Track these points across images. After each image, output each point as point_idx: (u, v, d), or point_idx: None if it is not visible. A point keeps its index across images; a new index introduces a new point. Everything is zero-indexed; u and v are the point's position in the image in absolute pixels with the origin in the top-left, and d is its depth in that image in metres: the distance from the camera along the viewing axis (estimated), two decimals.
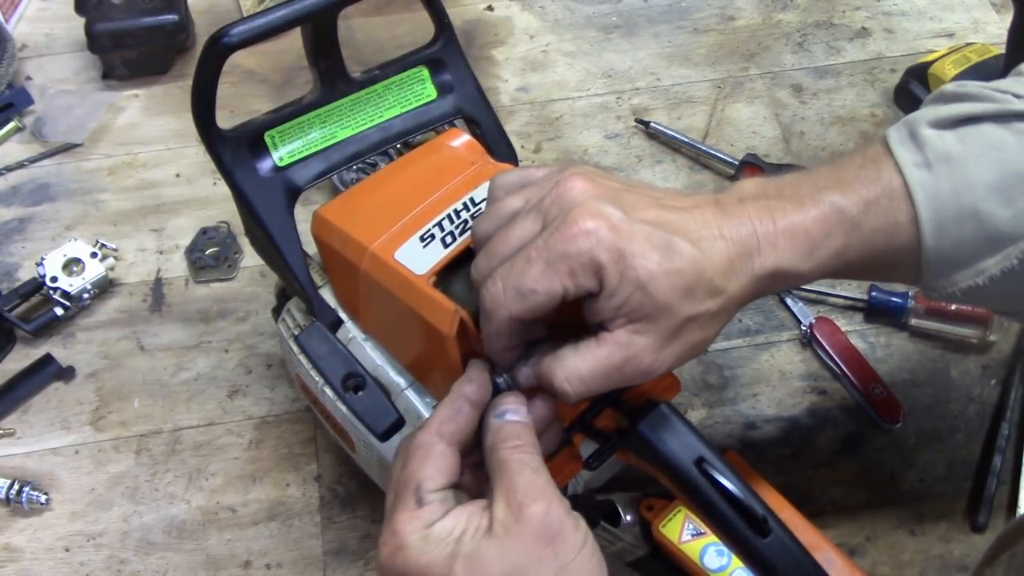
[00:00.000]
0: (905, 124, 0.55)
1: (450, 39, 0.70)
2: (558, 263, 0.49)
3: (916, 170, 0.53)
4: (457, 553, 0.47)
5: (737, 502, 0.52)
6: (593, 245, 0.49)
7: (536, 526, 0.47)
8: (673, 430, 0.54)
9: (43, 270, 0.86)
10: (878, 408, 0.81)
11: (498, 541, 0.47)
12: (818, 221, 0.53)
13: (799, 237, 0.53)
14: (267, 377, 0.85)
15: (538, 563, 0.47)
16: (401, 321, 0.59)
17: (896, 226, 0.53)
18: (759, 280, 0.53)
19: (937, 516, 0.78)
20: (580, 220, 0.50)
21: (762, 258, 0.53)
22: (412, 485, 0.50)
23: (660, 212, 0.52)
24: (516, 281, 0.50)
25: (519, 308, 0.50)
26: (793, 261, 0.53)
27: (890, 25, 1.10)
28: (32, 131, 1.00)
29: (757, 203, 0.54)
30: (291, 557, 0.76)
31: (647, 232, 0.50)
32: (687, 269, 0.51)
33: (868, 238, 0.54)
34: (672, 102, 1.03)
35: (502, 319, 0.51)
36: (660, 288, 0.50)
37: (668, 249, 0.50)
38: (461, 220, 0.59)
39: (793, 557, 0.53)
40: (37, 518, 0.78)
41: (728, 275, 0.52)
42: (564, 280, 0.50)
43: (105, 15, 1.00)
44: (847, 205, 0.53)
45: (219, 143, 0.63)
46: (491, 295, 0.51)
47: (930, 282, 0.55)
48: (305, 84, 0.68)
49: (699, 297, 0.51)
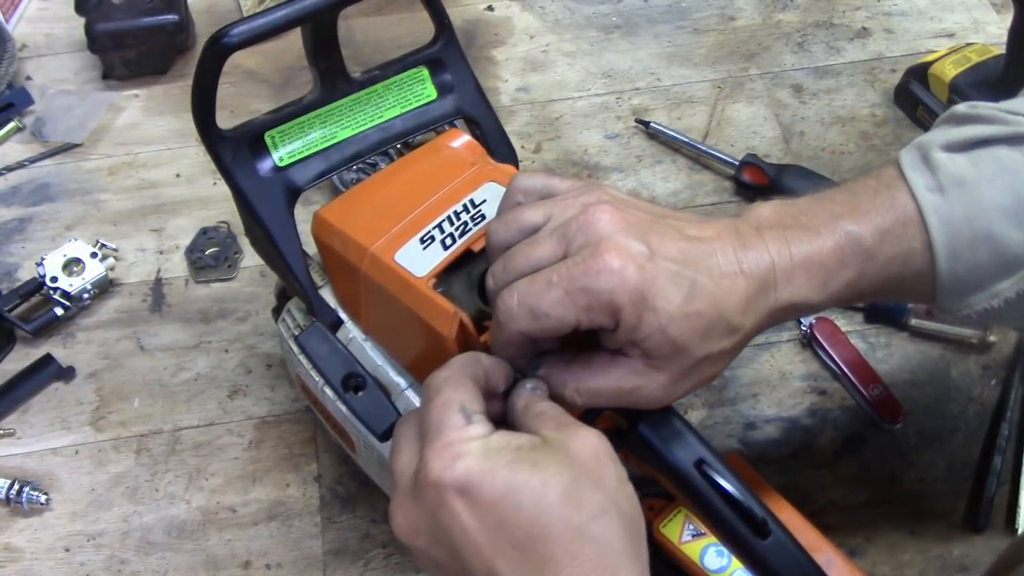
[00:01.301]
0: (917, 147, 0.56)
1: (450, 39, 0.70)
2: (577, 295, 0.49)
3: (929, 194, 0.53)
4: (520, 459, 0.46)
5: (737, 504, 0.52)
6: (616, 285, 0.49)
7: (588, 448, 0.47)
8: (673, 432, 0.54)
9: (43, 270, 0.86)
10: (878, 408, 0.81)
11: (555, 454, 0.47)
12: (834, 252, 0.53)
13: (814, 270, 0.53)
14: (267, 377, 0.85)
15: (598, 479, 0.46)
16: (401, 322, 0.59)
17: (911, 253, 0.54)
18: (774, 313, 0.53)
19: (937, 516, 0.78)
20: (606, 257, 0.49)
21: (778, 293, 0.53)
22: (455, 406, 0.48)
23: (685, 246, 0.52)
24: (532, 301, 0.50)
25: (530, 327, 0.50)
26: (808, 294, 0.54)
27: (890, 25, 1.10)
28: (32, 131, 1.00)
29: (774, 232, 0.54)
30: (291, 557, 0.76)
31: (671, 272, 0.50)
32: (707, 311, 0.51)
33: (882, 267, 0.54)
34: (672, 102, 1.03)
35: (512, 332, 0.51)
36: (679, 331, 0.50)
37: (690, 290, 0.50)
38: (461, 222, 0.59)
39: (793, 559, 0.53)
40: (37, 518, 0.78)
41: (745, 313, 0.52)
42: (579, 313, 0.50)
43: (105, 15, 1.00)
44: (863, 235, 0.53)
45: (219, 143, 0.63)
46: (505, 307, 0.51)
47: (945, 305, 0.55)
48: (305, 84, 0.68)
49: (716, 337, 0.52)
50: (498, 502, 0.45)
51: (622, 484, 0.48)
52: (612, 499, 0.47)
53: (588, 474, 0.47)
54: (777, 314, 0.54)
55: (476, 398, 0.50)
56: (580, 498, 0.45)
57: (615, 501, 0.47)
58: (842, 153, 0.99)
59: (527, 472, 0.45)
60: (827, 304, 0.55)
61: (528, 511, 0.45)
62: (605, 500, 0.46)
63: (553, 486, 0.45)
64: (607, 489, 0.47)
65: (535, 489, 0.45)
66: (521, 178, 0.57)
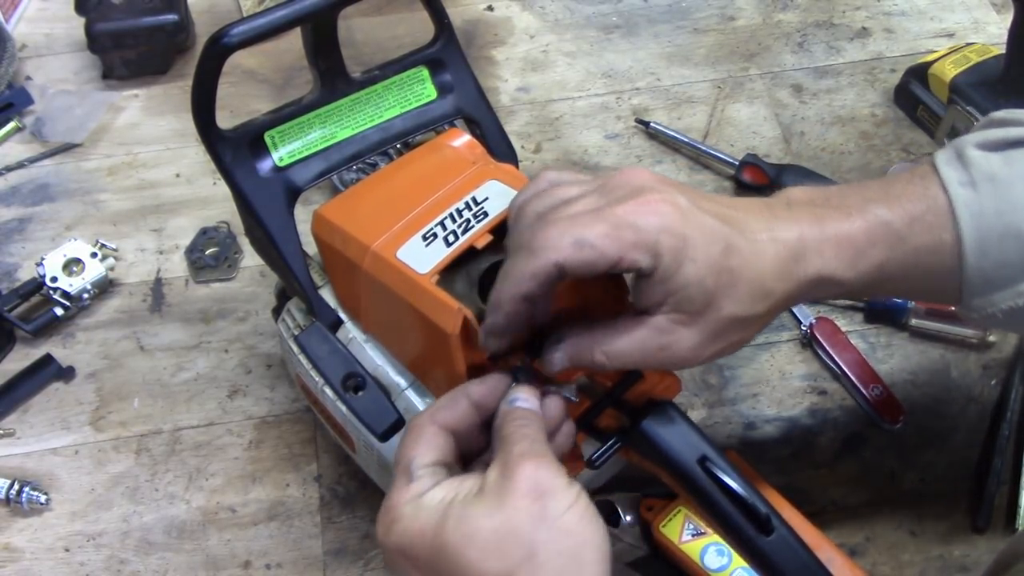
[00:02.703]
0: (952, 146, 0.56)
1: (450, 39, 0.70)
2: (625, 230, 0.49)
3: (961, 189, 0.54)
4: (448, 515, 0.47)
5: (740, 500, 0.52)
6: (662, 225, 0.49)
7: (524, 484, 0.47)
8: (676, 428, 0.54)
9: (43, 270, 0.86)
10: (878, 408, 0.81)
11: (486, 500, 0.47)
12: (864, 231, 0.54)
13: (844, 245, 0.54)
14: (267, 377, 0.85)
15: (527, 519, 0.46)
16: (403, 320, 0.59)
17: (940, 244, 0.54)
18: (804, 285, 0.54)
19: (937, 516, 0.78)
20: (651, 199, 0.50)
21: (808, 263, 0.53)
22: (403, 464, 0.51)
23: (721, 209, 0.53)
24: (578, 231, 0.49)
25: (572, 257, 0.49)
26: (838, 269, 0.54)
27: (890, 25, 1.10)
28: (32, 131, 1.00)
29: (805, 209, 0.54)
30: (291, 557, 0.76)
31: (711, 225, 0.51)
32: (741, 270, 0.51)
33: (912, 254, 0.54)
34: (672, 102, 1.03)
35: (547, 262, 0.49)
36: (714, 284, 0.50)
37: (727, 245, 0.51)
38: (463, 219, 0.59)
39: (797, 555, 0.53)
40: (37, 518, 0.78)
41: (777, 278, 0.53)
42: (624, 248, 0.49)
43: (105, 15, 1.00)
44: (893, 218, 0.54)
45: (219, 143, 0.63)
46: (546, 235, 0.49)
47: (970, 302, 0.55)
48: (305, 84, 0.68)
49: (748, 298, 0.52)
50: (432, 561, 0.47)
51: (569, 506, 0.47)
52: (548, 537, 0.46)
53: (524, 509, 0.46)
54: (808, 286, 0.54)
55: (431, 447, 0.51)
56: (503, 549, 0.46)
57: (551, 539, 0.46)
58: (842, 153, 0.99)
59: (451, 530, 0.47)
60: (857, 285, 0.55)
61: (456, 567, 0.46)
62: (535, 542, 0.46)
63: (476, 541, 0.46)
64: (550, 514, 0.46)
65: (457, 546, 0.46)
66: (550, 172, 0.57)
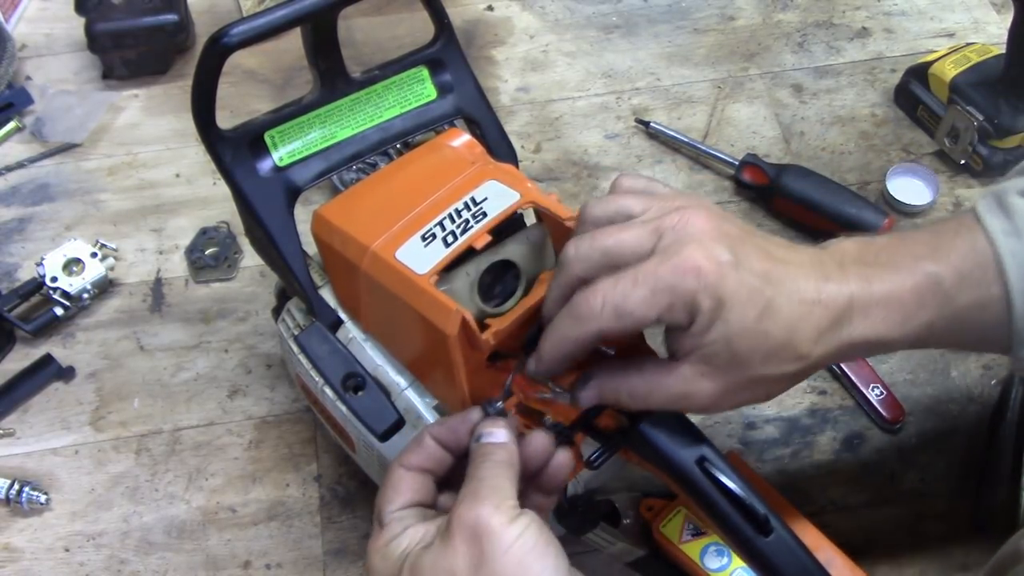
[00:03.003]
0: (993, 194, 0.56)
1: (450, 39, 0.70)
2: (661, 294, 0.50)
3: (1006, 238, 0.54)
4: (403, 567, 0.49)
5: (739, 501, 0.52)
6: (699, 287, 0.50)
7: (463, 527, 0.48)
8: (674, 430, 0.54)
9: (43, 270, 0.86)
10: (878, 408, 0.81)
11: (432, 549, 0.49)
12: (912, 291, 0.54)
13: (893, 307, 0.53)
14: (267, 377, 0.85)
15: (465, 565, 0.47)
16: (402, 321, 0.59)
17: (988, 298, 0.54)
18: (846, 347, 0.53)
19: (937, 516, 0.78)
20: (693, 256, 0.50)
21: (852, 327, 0.53)
22: (376, 512, 0.54)
23: (769, 266, 0.52)
24: (618, 301, 0.50)
25: (612, 326, 0.51)
26: (883, 331, 0.54)
27: (890, 25, 1.10)
28: (32, 131, 1.00)
29: (856, 268, 0.54)
30: (291, 557, 0.76)
31: (752, 286, 0.51)
32: (777, 334, 0.51)
33: (961, 311, 0.54)
34: (672, 102, 1.03)
35: (590, 331, 0.51)
36: (743, 346, 0.51)
37: (766, 308, 0.51)
38: (462, 220, 0.59)
39: (795, 556, 0.53)
40: (37, 518, 0.78)
41: (816, 343, 0.52)
42: (662, 311, 0.50)
43: (105, 15, 1.00)
44: (943, 276, 0.54)
45: (219, 143, 0.63)
46: (589, 306, 0.51)
47: (1020, 352, 0.55)
48: (305, 84, 0.68)
49: (779, 361, 0.52)
50: None
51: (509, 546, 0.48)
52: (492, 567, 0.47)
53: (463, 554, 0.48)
54: (850, 349, 0.54)
55: (400, 491, 0.53)
56: None
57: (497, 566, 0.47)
58: (842, 153, 0.99)
59: None
60: (903, 344, 0.55)
61: None
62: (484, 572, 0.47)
63: None
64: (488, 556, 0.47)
65: None
66: (626, 177, 0.58)
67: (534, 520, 0.49)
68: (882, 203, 0.94)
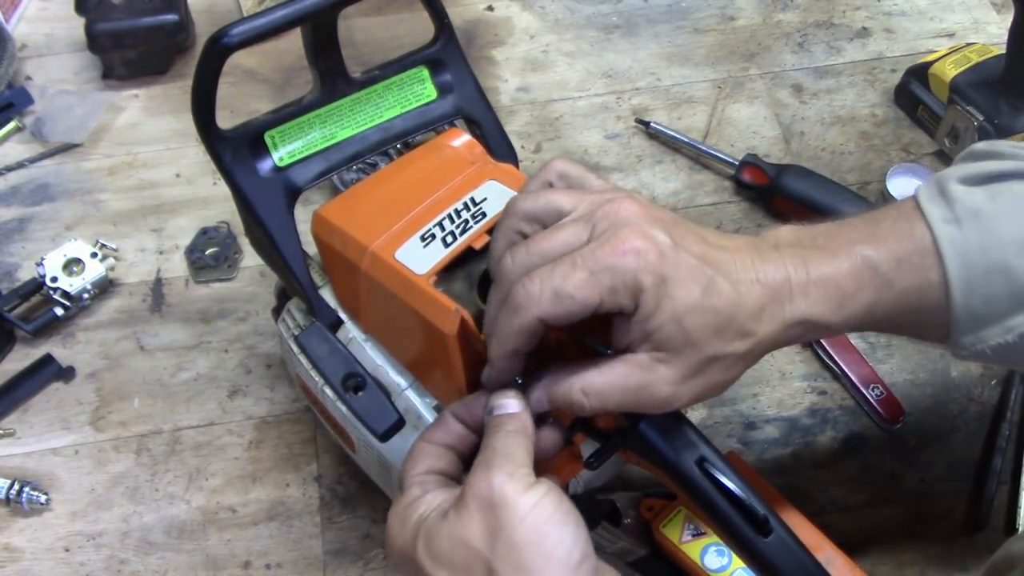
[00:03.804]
0: (935, 181, 0.56)
1: (450, 39, 0.70)
2: (602, 275, 0.49)
3: (945, 226, 0.54)
4: (419, 532, 0.49)
5: (738, 502, 0.52)
6: (639, 266, 0.49)
7: (477, 497, 0.48)
8: (674, 430, 0.54)
9: (43, 270, 0.86)
10: (878, 408, 0.81)
11: (448, 516, 0.49)
12: (850, 275, 0.54)
13: (831, 289, 0.53)
14: (267, 377, 0.85)
15: (480, 533, 0.47)
16: (402, 321, 0.59)
17: (927, 284, 0.54)
18: (788, 327, 0.53)
19: (937, 516, 0.78)
20: (630, 238, 0.50)
21: (793, 305, 0.53)
22: (398, 480, 0.54)
23: (705, 248, 0.52)
24: (557, 284, 0.49)
25: (552, 311, 0.50)
26: (823, 312, 0.54)
27: (890, 25, 1.10)
28: (32, 131, 1.00)
29: (792, 251, 0.54)
30: (291, 557, 0.76)
31: (692, 265, 0.51)
32: (722, 308, 0.51)
33: (899, 296, 0.54)
34: (672, 102, 1.03)
35: (530, 318, 0.50)
36: (694, 323, 0.50)
37: (708, 285, 0.51)
38: (462, 220, 0.59)
39: (794, 557, 0.53)
40: (37, 518, 0.78)
41: (759, 319, 0.52)
42: (604, 293, 0.49)
43: (105, 15, 1.00)
44: (879, 260, 0.54)
45: (219, 143, 0.63)
46: (526, 292, 0.50)
47: (959, 340, 0.55)
48: (305, 84, 0.68)
49: (728, 338, 0.52)
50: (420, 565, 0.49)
51: (526, 514, 0.47)
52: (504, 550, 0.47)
53: (478, 522, 0.47)
54: (792, 328, 0.54)
55: (420, 459, 0.53)
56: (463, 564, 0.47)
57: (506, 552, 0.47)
58: (842, 153, 0.99)
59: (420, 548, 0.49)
60: (843, 327, 0.55)
61: None
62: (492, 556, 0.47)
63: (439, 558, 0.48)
64: (504, 525, 0.47)
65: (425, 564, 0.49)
66: (560, 162, 0.57)
67: (552, 488, 0.49)
68: (882, 203, 0.94)
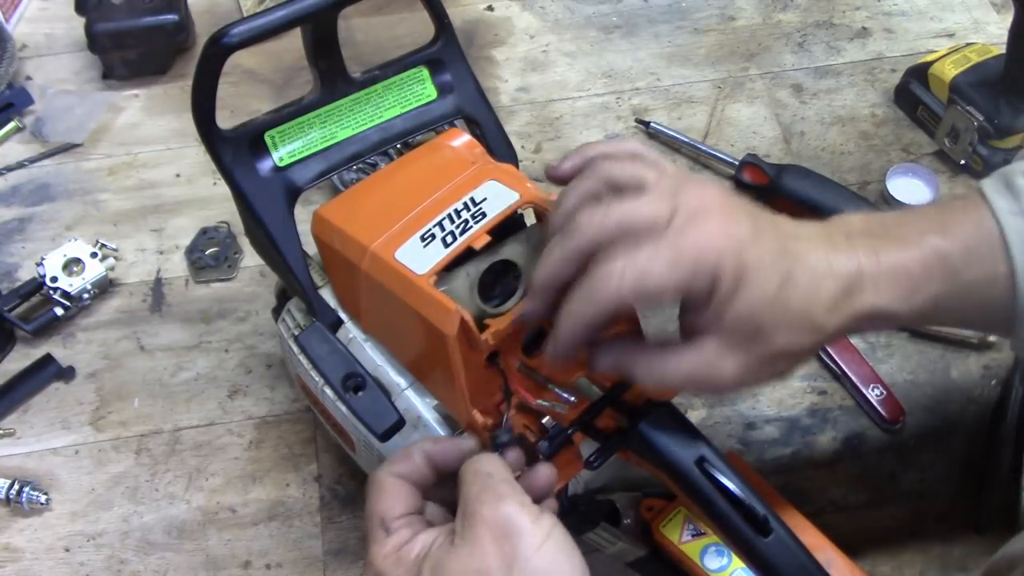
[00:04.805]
0: (1000, 175, 0.56)
1: (450, 39, 0.70)
2: (684, 264, 0.49)
3: (1012, 218, 0.54)
4: (423, 569, 0.48)
5: (738, 502, 0.52)
6: (721, 255, 0.49)
7: (489, 526, 0.48)
8: (674, 430, 0.54)
9: (43, 270, 0.86)
10: (878, 408, 0.81)
11: (456, 550, 0.48)
12: (921, 264, 0.53)
13: (901, 278, 0.53)
14: (267, 377, 0.85)
15: (498, 563, 0.47)
16: (402, 321, 0.59)
17: (994, 276, 0.54)
18: (857, 319, 0.53)
19: (937, 516, 0.78)
20: (714, 225, 0.49)
21: (864, 296, 0.53)
22: (376, 519, 0.52)
23: (784, 239, 0.52)
24: (641, 270, 0.48)
25: (632, 298, 0.49)
26: (892, 302, 0.53)
27: (890, 25, 1.10)
28: (32, 131, 1.00)
29: (863, 239, 0.54)
30: (291, 557, 0.76)
31: (773, 256, 0.51)
32: (797, 304, 0.51)
33: (966, 287, 0.54)
34: (672, 102, 1.03)
35: (610, 303, 0.49)
36: (768, 317, 0.50)
37: (787, 278, 0.51)
38: (461, 220, 0.59)
39: (794, 557, 0.53)
40: (37, 518, 0.78)
41: (831, 313, 0.52)
42: (683, 281, 0.49)
43: (105, 15, 1.00)
44: (949, 251, 0.54)
45: (219, 143, 0.63)
46: (609, 277, 0.49)
47: (1021, 333, 0.55)
48: (305, 84, 0.68)
49: (798, 331, 0.52)
50: None
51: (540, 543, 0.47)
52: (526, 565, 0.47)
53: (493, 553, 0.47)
54: (861, 320, 0.53)
55: (398, 499, 0.52)
56: None
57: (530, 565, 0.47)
58: (842, 153, 0.99)
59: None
60: (911, 317, 0.55)
61: None
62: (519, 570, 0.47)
63: None
64: (521, 553, 0.47)
65: None
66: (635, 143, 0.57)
67: (556, 519, 0.49)
68: (882, 203, 0.94)
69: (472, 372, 0.57)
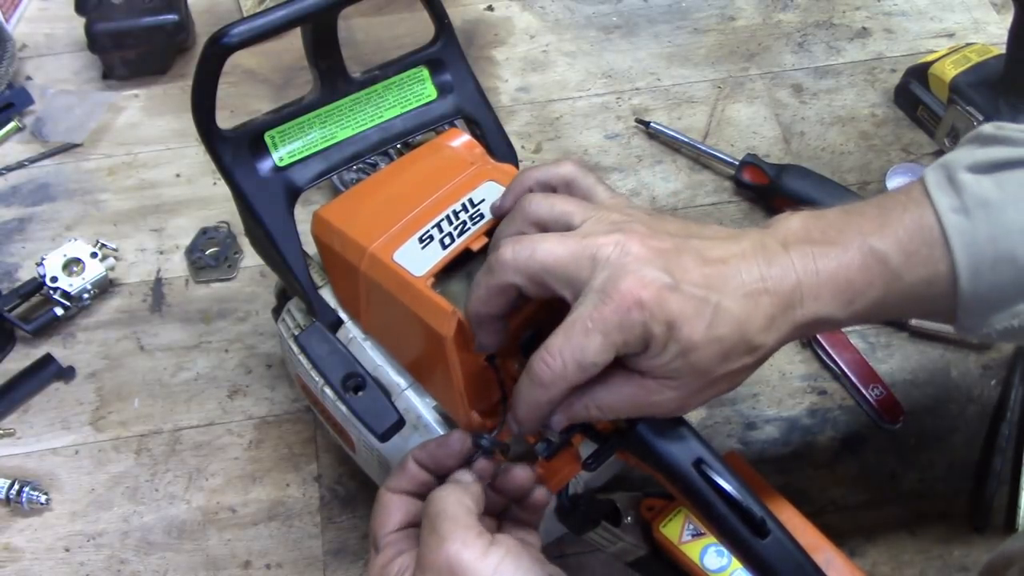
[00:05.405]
0: (943, 167, 0.56)
1: (450, 39, 0.70)
2: (614, 335, 0.50)
3: (954, 216, 0.53)
4: None
5: (735, 503, 0.52)
6: (647, 318, 0.50)
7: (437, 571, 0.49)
8: (672, 431, 0.54)
9: (43, 270, 0.86)
10: (878, 408, 0.81)
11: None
12: (860, 270, 0.54)
13: (841, 286, 0.53)
14: (267, 377, 0.85)
15: None
16: (400, 322, 0.59)
17: (935, 275, 0.54)
18: (797, 329, 0.54)
19: (937, 516, 0.78)
20: (632, 289, 0.50)
21: (804, 309, 0.53)
22: (371, 535, 0.55)
23: (708, 271, 0.52)
24: (578, 356, 0.51)
25: (578, 379, 0.51)
26: (833, 311, 0.54)
27: (890, 25, 1.10)
28: (32, 131, 1.00)
29: (801, 247, 0.54)
30: (291, 557, 0.76)
31: (695, 299, 0.51)
32: (729, 335, 0.52)
33: (908, 288, 0.54)
34: (672, 102, 1.03)
35: (559, 390, 0.52)
36: (701, 356, 0.51)
37: (713, 316, 0.51)
38: (460, 221, 0.59)
39: (792, 558, 0.53)
40: (37, 518, 0.78)
41: (768, 330, 0.53)
42: (619, 349, 0.51)
43: (105, 15, 1.00)
44: (889, 253, 0.54)
45: (219, 143, 0.63)
46: (552, 370, 0.51)
47: (965, 323, 0.55)
48: (305, 84, 0.68)
49: (736, 357, 0.52)
50: None
51: None
52: None
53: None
54: (801, 329, 0.54)
55: (391, 514, 0.55)
56: None
57: None
58: (842, 153, 0.99)
59: None
60: (851, 321, 0.55)
61: None
62: None
63: None
64: None
65: None
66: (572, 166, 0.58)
67: (508, 546, 0.50)
68: None
69: (470, 373, 0.57)
